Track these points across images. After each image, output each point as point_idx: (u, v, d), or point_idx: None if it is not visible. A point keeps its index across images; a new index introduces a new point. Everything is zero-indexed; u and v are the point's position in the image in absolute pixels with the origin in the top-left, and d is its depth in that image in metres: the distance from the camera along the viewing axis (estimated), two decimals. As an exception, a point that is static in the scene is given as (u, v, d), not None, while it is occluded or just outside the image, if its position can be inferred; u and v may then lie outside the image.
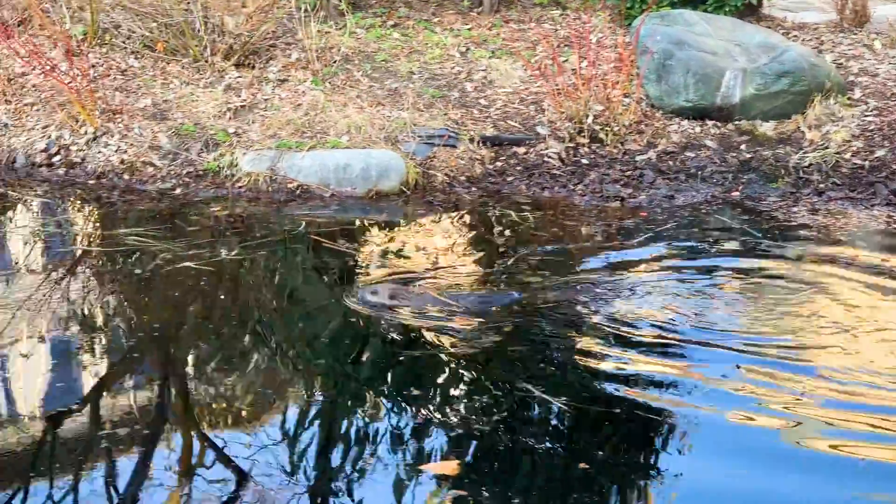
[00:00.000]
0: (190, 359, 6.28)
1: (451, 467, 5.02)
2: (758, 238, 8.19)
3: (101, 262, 7.70)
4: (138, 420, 5.51)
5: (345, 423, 5.47)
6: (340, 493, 4.87)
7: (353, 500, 4.80)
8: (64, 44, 10.79)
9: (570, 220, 8.76)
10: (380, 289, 6.76)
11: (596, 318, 6.58)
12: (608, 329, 6.42)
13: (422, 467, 5.02)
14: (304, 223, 8.51)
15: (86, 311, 6.78)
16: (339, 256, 7.85)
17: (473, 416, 5.45)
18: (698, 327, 6.45)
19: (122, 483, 4.92)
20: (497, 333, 6.41)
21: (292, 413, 5.58)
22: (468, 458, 5.11)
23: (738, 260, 7.75)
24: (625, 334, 6.33)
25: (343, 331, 6.56)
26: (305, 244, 8.12)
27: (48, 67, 10.11)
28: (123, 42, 11.17)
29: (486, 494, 4.83)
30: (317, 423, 5.48)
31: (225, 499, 4.80)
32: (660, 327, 6.45)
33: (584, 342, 6.24)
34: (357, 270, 7.59)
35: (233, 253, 7.76)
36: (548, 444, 5.22)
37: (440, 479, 4.93)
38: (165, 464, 5.12)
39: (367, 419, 5.47)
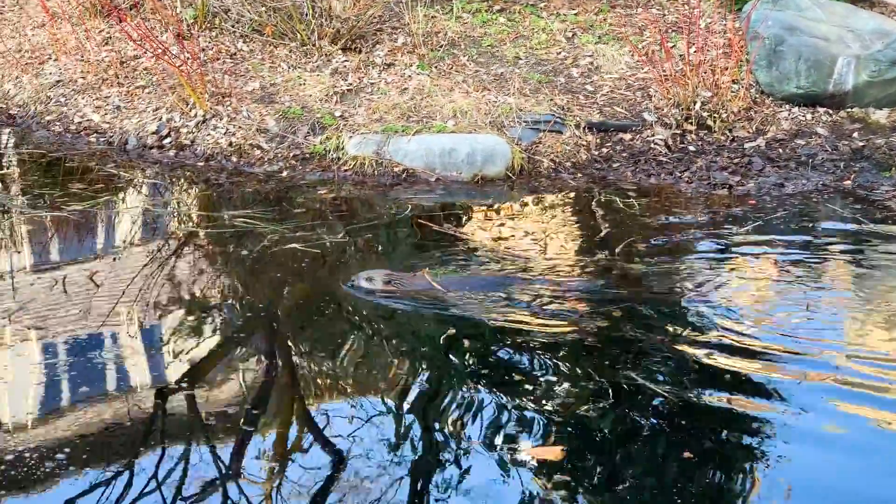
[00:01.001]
0: (295, 338, 6.33)
1: (554, 453, 5.02)
2: (870, 228, 8.02)
3: (209, 243, 7.80)
4: (244, 397, 5.58)
5: (448, 407, 5.48)
6: (442, 475, 4.89)
7: (455, 482, 4.82)
8: (175, 27, 10.95)
9: (676, 207, 8.66)
10: (375, 275, 6.79)
11: (700, 307, 6.52)
12: (712, 318, 6.36)
13: (526, 452, 5.03)
14: (409, 207, 8.54)
15: (194, 291, 6.88)
16: (445, 240, 7.87)
17: (577, 403, 5.43)
18: (804, 318, 6.36)
19: (225, 456, 5.01)
20: (603, 319, 6.38)
21: (395, 395, 5.60)
22: (572, 445, 5.09)
23: (849, 250, 7.62)
24: (729, 324, 6.26)
25: (447, 313, 6.56)
26: (411, 227, 8.14)
27: (160, 51, 10.26)
28: (232, 26, 11.29)
29: (589, 481, 4.82)
30: (419, 405, 5.50)
31: (326, 477, 4.85)
32: (765, 317, 6.36)
33: (688, 331, 6.17)
34: (462, 254, 7.59)
35: (339, 235, 7.82)
36: (651, 433, 5.19)
37: (544, 464, 4.93)
38: (271, 438, 5.19)
39: (470, 403, 5.47)
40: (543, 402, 5.45)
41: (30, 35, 12.04)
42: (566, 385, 5.62)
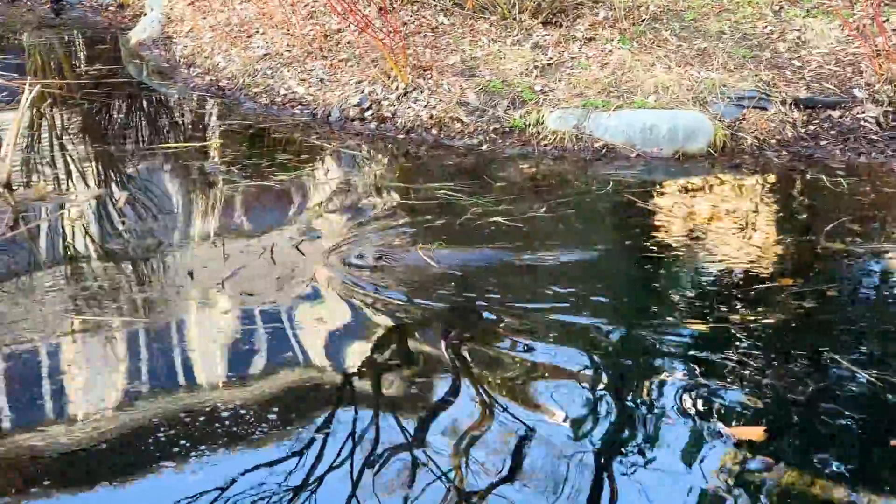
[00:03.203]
0: (488, 311, 6.34)
1: (756, 433, 4.96)
2: None
3: (412, 214, 7.88)
4: (437, 368, 5.66)
5: (643, 382, 5.45)
6: (634, 450, 4.87)
7: (644, 458, 4.80)
8: (378, 1, 11.09)
9: (888, 186, 8.37)
10: (366, 252, 6.89)
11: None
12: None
13: (727, 431, 4.96)
14: (610, 182, 8.49)
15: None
16: (648, 216, 7.81)
17: (780, 384, 5.34)
18: None
19: (415, 424, 5.11)
20: (811, 299, 6.24)
21: (588, 370, 5.60)
22: (774, 426, 5.01)
23: None
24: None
25: (647, 291, 6.52)
26: (613, 202, 8.10)
27: (363, 24, 10.41)
28: (434, 0, 11.38)
29: (791, 463, 4.74)
30: (613, 379, 5.50)
31: (514, 447, 4.90)
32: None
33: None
34: (666, 230, 7.52)
35: (541, 210, 7.81)
36: (856, 418, 5.06)
37: (745, 444, 4.87)
38: (460, 409, 5.24)
39: (670, 378, 5.44)
40: (744, 381, 5.38)
41: (238, 9, 12.38)
42: (768, 365, 5.53)
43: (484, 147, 9.38)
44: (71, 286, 6.61)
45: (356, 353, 5.83)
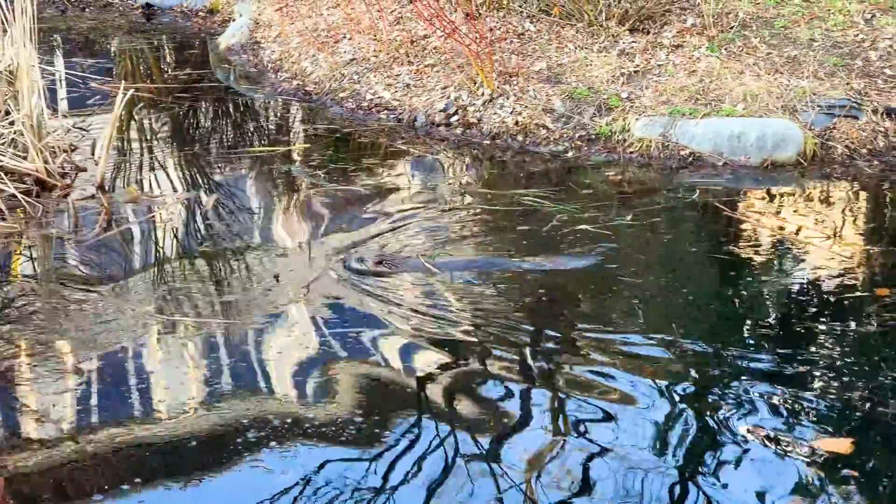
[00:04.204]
0: (584, 316, 6.33)
1: (844, 446, 4.90)
2: None
3: (497, 220, 7.88)
4: (510, 378, 5.66)
5: (731, 389, 5.41)
6: (720, 459, 4.84)
7: (729, 467, 4.78)
8: (464, 7, 11.12)
9: (982, 198, 8.26)
10: (366, 256, 6.92)
11: None
12: None
13: (814, 443, 4.91)
14: (696, 190, 8.42)
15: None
16: (737, 225, 7.75)
17: (869, 397, 5.27)
18: None
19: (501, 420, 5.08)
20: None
21: (668, 378, 5.56)
22: (863, 439, 4.95)
23: None
24: None
25: (729, 303, 6.47)
26: (701, 211, 8.04)
27: (449, 30, 10.44)
28: (520, 6, 11.37)
29: (878, 478, 4.70)
30: (696, 389, 5.46)
31: (589, 457, 4.89)
32: None
33: None
34: (754, 239, 7.46)
35: (628, 217, 7.77)
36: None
37: (832, 456, 4.82)
38: (546, 412, 5.24)
39: (757, 387, 5.39)
40: (833, 392, 5.31)
41: (325, 15, 12.49)
42: (855, 377, 5.47)
43: (569, 154, 9.36)
44: (161, 287, 6.71)
45: (426, 357, 5.87)
